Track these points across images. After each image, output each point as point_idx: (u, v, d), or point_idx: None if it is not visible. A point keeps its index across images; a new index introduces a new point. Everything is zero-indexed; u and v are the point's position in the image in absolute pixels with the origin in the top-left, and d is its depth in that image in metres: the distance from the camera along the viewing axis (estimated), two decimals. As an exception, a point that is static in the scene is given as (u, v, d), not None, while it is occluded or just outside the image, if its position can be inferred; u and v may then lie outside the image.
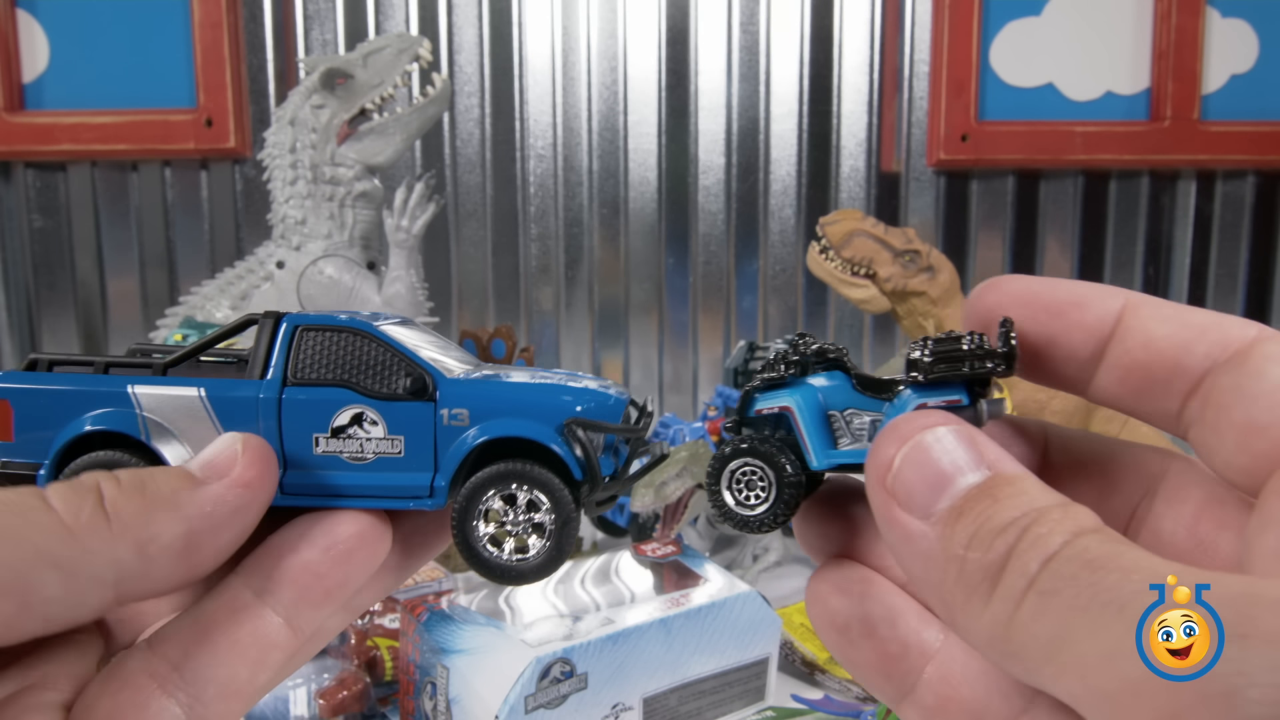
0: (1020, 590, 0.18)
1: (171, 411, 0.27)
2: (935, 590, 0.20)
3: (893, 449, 0.21)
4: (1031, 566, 0.18)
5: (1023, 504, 0.19)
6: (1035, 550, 0.18)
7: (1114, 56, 1.33)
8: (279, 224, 0.95)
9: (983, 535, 0.19)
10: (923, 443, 0.21)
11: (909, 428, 0.21)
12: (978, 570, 0.19)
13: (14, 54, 1.27)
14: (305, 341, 0.27)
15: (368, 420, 0.27)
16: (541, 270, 1.34)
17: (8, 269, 1.32)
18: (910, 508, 0.20)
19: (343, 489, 0.27)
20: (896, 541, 0.21)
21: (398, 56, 0.93)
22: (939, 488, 0.20)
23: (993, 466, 0.20)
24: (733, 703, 0.63)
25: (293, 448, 0.27)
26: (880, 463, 0.21)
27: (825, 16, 1.32)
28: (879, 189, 1.34)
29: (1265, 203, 1.36)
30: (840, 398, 0.25)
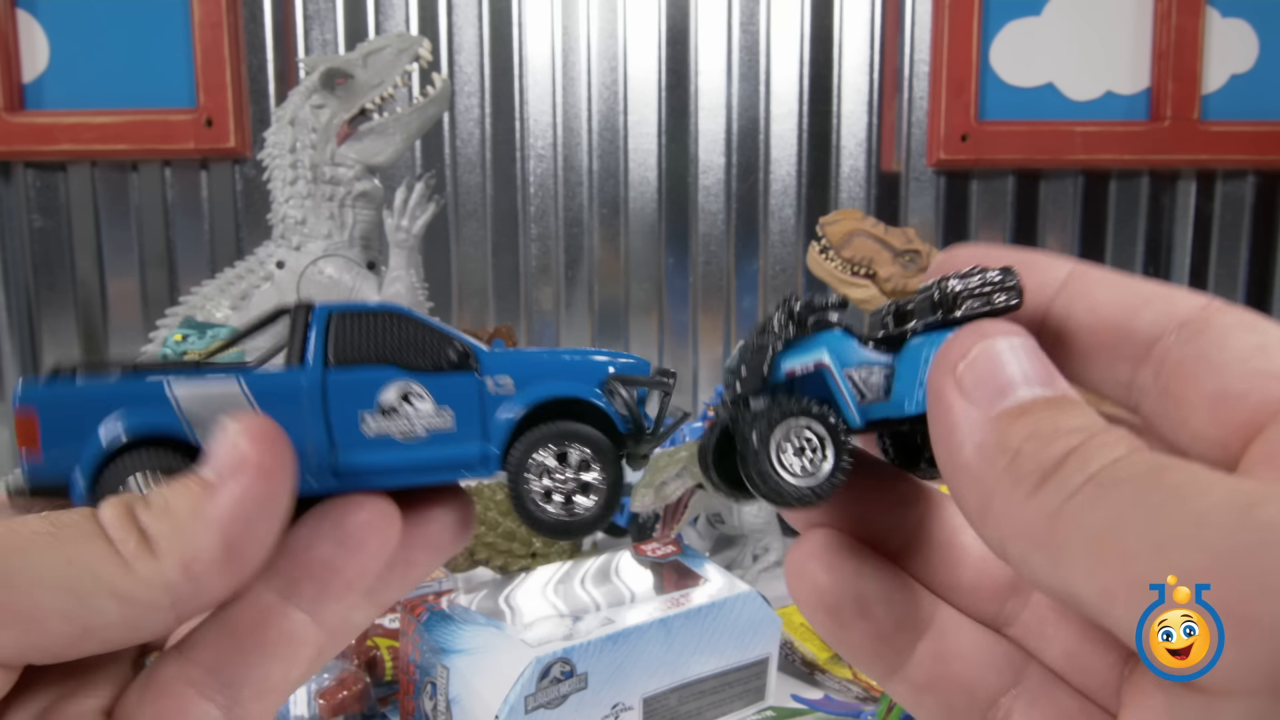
0: (1077, 483, 0.18)
1: (214, 407, 0.26)
2: (975, 479, 0.19)
3: (971, 340, 0.21)
4: (1093, 465, 0.18)
5: (1087, 421, 0.19)
6: (1099, 453, 0.18)
7: (1114, 56, 1.33)
8: (279, 224, 0.95)
9: (1043, 433, 0.19)
10: (999, 344, 0.21)
11: (991, 328, 0.21)
12: (1031, 461, 0.19)
13: (14, 54, 1.27)
14: (341, 326, 0.27)
15: (415, 395, 0.27)
16: (541, 270, 1.34)
17: (8, 269, 1.32)
18: (973, 397, 0.20)
19: (398, 467, 0.27)
20: (946, 429, 0.20)
21: (398, 56, 0.93)
22: (1008, 387, 0.20)
23: (1062, 390, 0.20)
24: (733, 703, 0.63)
25: (341, 430, 0.26)
26: (956, 350, 0.21)
27: (825, 16, 1.32)
28: (879, 189, 1.34)
29: (1265, 203, 1.36)
30: (851, 354, 0.24)
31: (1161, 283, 0.22)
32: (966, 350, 0.21)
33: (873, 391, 0.24)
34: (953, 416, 0.20)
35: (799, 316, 0.24)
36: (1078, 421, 0.19)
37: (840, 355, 0.24)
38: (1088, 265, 0.23)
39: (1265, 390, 0.19)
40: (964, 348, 0.21)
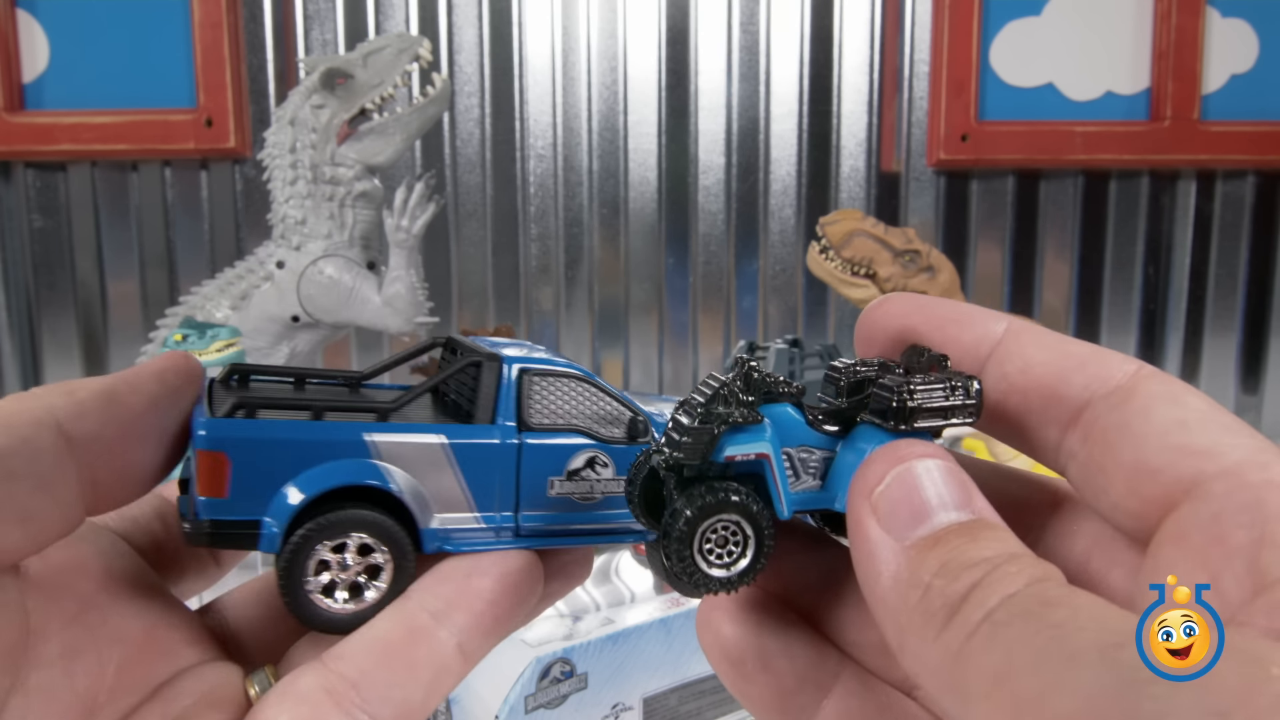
0: (975, 622, 0.17)
1: (415, 461, 0.26)
2: (892, 612, 0.19)
3: (886, 466, 0.21)
4: (991, 600, 0.17)
5: (997, 549, 0.19)
6: (998, 587, 0.18)
7: (1114, 56, 1.33)
8: (279, 224, 0.95)
9: (952, 566, 0.19)
10: (916, 468, 0.21)
11: (907, 451, 0.21)
12: (939, 598, 0.18)
13: (14, 54, 1.27)
14: (532, 386, 0.28)
15: (599, 463, 0.28)
16: (541, 270, 1.34)
17: (8, 269, 1.32)
18: (889, 526, 0.20)
19: (574, 529, 0.28)
20: (865, 556, 0.20)
21: (398, 56, 0.93)
22: (922, 515, 0.20)
23: (977, 512, 0.20)
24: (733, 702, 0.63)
25: (528, 490, 0.27)
26: (870, 477, 0.21)
27: (825, 16, 1.31)
28: (879, 189, 1.34)
29: (1265, 203, 1.36)
30: (795, 434, 0.23)
31: (1093, 346, 0.22)
32: (883, 475, 0.21)
33: (809, 474, 0.23)
34: (869, 545, 0.20)
35: (756, 386, 0.23)
36: (988, 551, 0.19)
37: (783, 434, 0.23)
38: (1024, 323, 0.23)
39: (1180, 467, 0.19)
40: (880, 473, 0.21)
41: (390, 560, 0.26)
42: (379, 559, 0.26)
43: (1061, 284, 1.37)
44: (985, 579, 0.18)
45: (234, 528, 0.24)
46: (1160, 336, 1.37)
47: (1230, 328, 1.37)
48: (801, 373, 0.94)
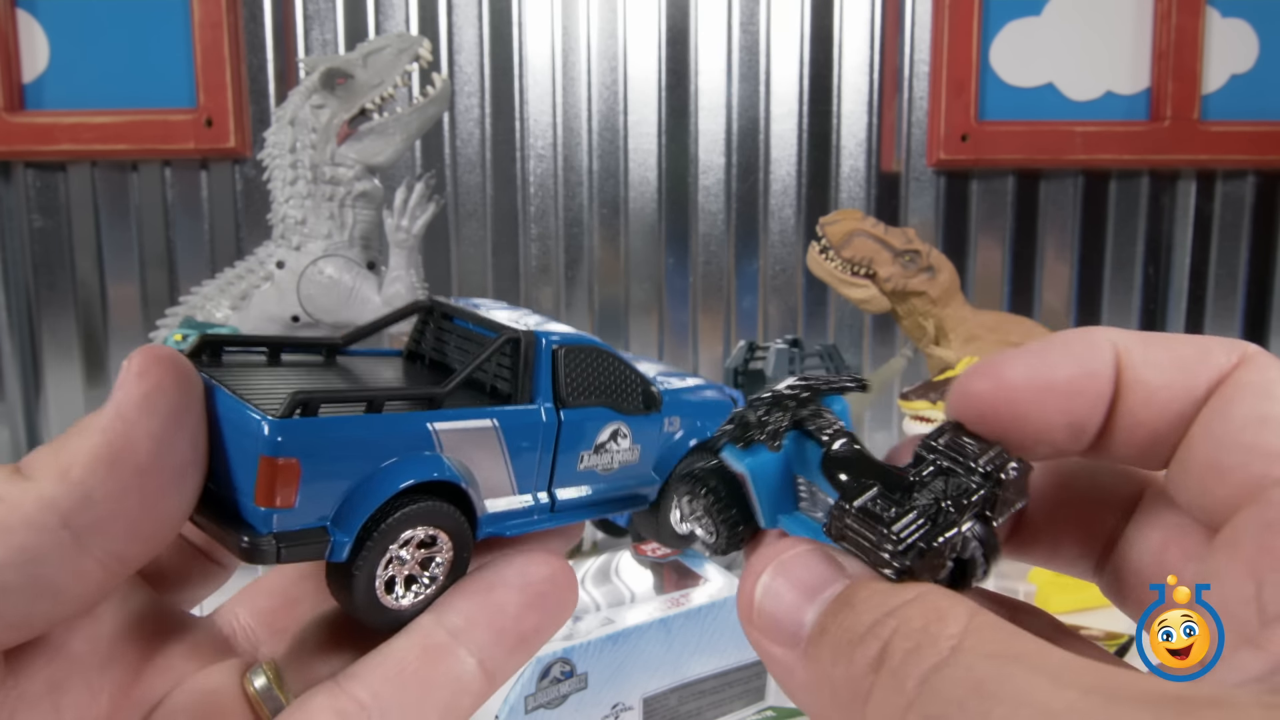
0: (900, 710, 0.16)
1: (469, 446, 0.25)
2: (819, 717, 0.18)
3: (750, 583, 0.20)
4: (908, 684, 0.16)
5: (878, 604, 0.18)
6: (910, 665, 0.16)
7: (1114, 56, 1.33)
8: (279, 224, 0.95)
9: (843, 646, 0.17)
10: (768, 581, 0.20)
11: (762, 561, 0.20)
12: (846, 686, 0.17)
13: (14, 54, 1.27)
14: (569, 363, 0.28)
15: (620, 434, 0.28)
16: (541, 270, 1.34)
17: (8, 269, 1.32)
18: (779, 639, 0.19)
19: (597, 500, 0.28)
20: (778, 679, 0.20)
21: (398, 56, 0.92)
22: (799, 610, 0.19)
23: (852, 575, 0.19)
24: (733, 703, 0.63)
25: (563, 467, 0.27)
26: (744, 598, 0.20)
27: (825, 16, 1.31)
28: (879, 189, 1.34)
29: (1265, 203, 1.36)
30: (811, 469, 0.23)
31: (1197, 341, 0.21)
32: (752, 591, 0.20)
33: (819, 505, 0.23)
34: (775, 666, 0.20)
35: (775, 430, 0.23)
36: (871, 614, 0.18)
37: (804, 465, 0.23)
38: (1127, 342, 0.21)
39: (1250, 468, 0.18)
40: (749, 590, 0.20)
41: (451, 550, 0.25)
42: (439, 551, 0.25)
43: (1061, 284, 1.37)
44: (886, 652, 0.17)
45: (303, 538, 0.22)
46: (1160, 336, 1.37)
47: (1230, 328, 1.37)
48: (801, 373, 0.94)
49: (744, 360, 0.95)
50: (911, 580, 0.19)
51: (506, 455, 0.26)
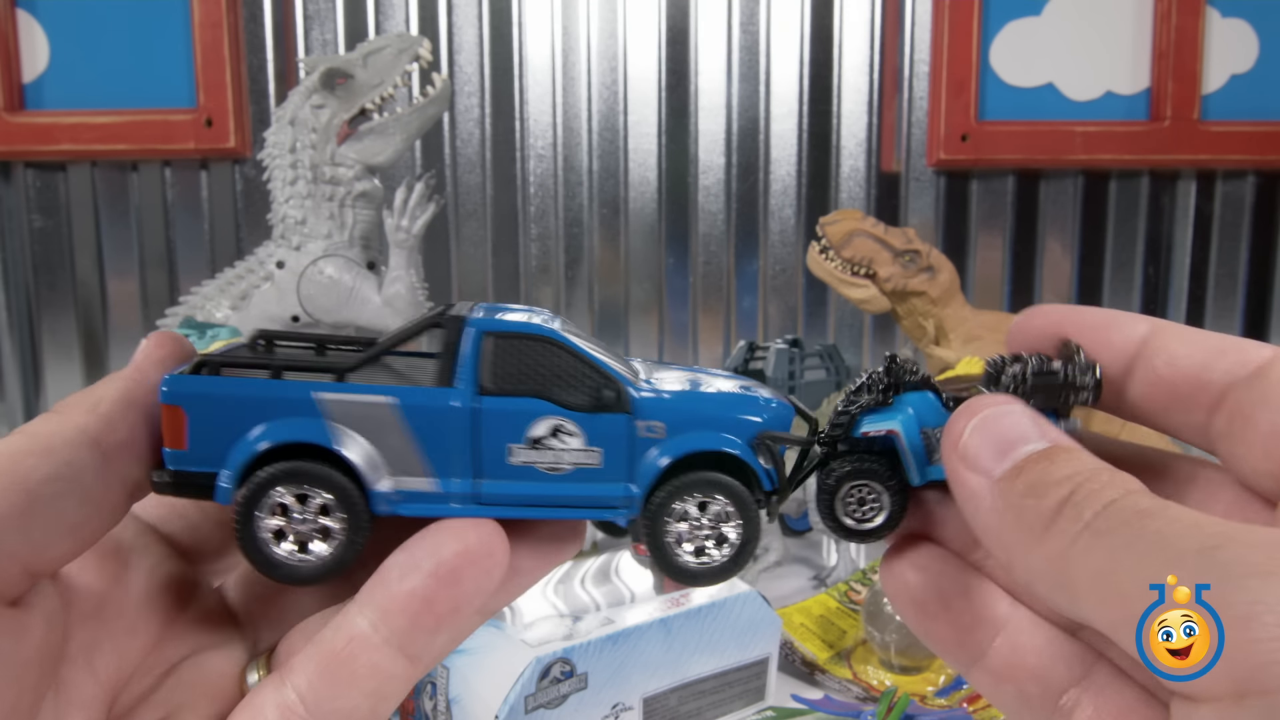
0: (1075, 531, 0.20)
1: (360, 419, 0.26)
2: (997, 537, 0.22)
3: (964, 420, 0.24)
4: (1086, 513, 0.20)
5: (1076, 465, 0.21)
6: (1090, 500, 0.20)
7: (1114, 56, 1.33)
8: (279, 224, 0.95)
9: (1039, 486, 0.21)
10: (991, 414, 0.23)
11: (980, 404, 0.24)
12: (1034, 514, 0.21)
13: (14, 54, 1.27)
14: (496, 350, 0.27)
15: (565, 432, 0.27)
16: (541, 270, 1.34)
17: (8, 269, 1.32)
18: (976, 468, 0.23)
19: (538, 499, 0.27)
20: (964, 499, 0.23)
21: (398, 56, 0.92)
22: (1003, 452, 0.23)
23: (1052, 440, 0.23)
24: (733, 703, 0.63)
25: (488, 458, 0.27)
26: (954, 431, 0.24)
27: (825, 16, 1.31)
28: (879, 189, 1.34)
29: (1265, 203, 1.36)
30: (933, 416, 0.27)
31: (1233, 337, 0.24)
32: (964, 428, 0.24)
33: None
34: (965, 489, 0.23)
35: (896, 383, 0.27)
36: (1067, 470, 0.21)
37: (921, 416, 0.27)
38: (1166, 323, 0.26)
39: None
40: (961, 425, 0.24)
41: (345, 520, 0.26)
42: (334, 520, 0.26)
43: (1062, 284, 1.37)
44: (1074, 494, 0.21)
45: (193, 479, 0.26)
46: (1160, 336, 1.37)
47: (1230, 328, 1.37)
48: (801, 373, 0.94)
49: (744, 360, 0.95)
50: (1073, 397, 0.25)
51: (411, 435, 0.26)
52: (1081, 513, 0.20)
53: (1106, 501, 0.20)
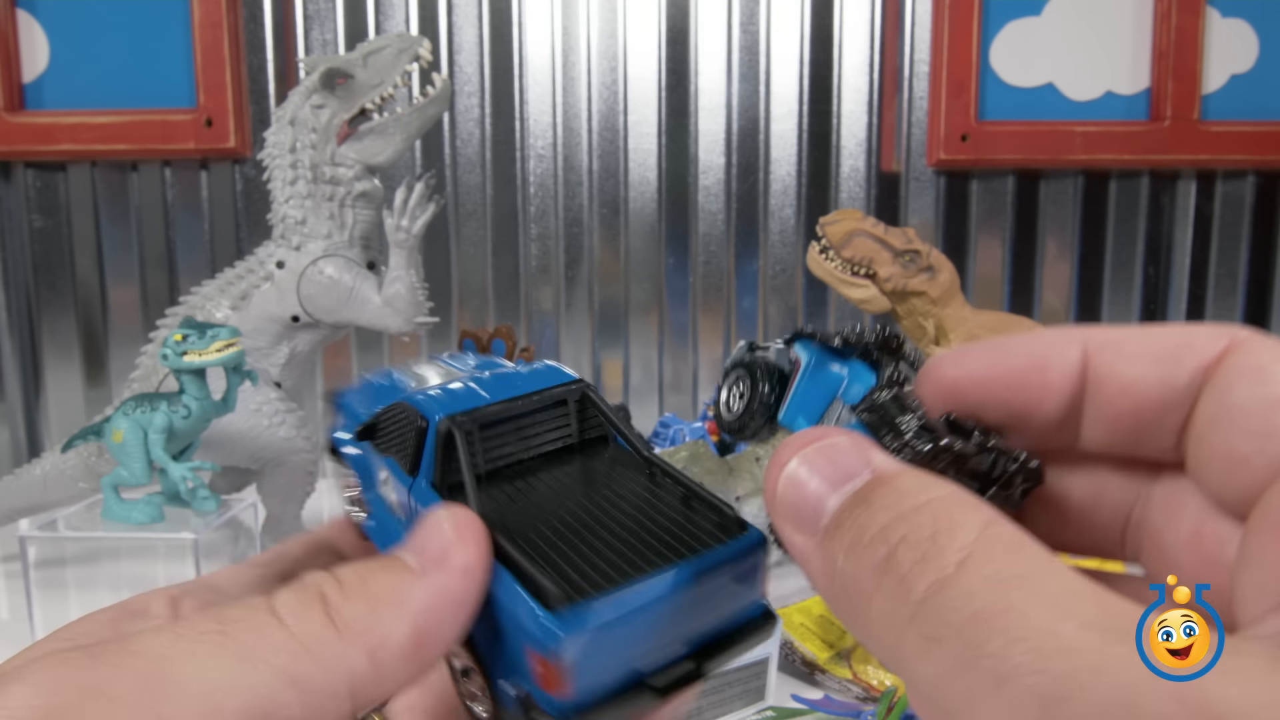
0: (902, 623, 0.16)
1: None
2: (835, 610, 0.19)
3: (777, 468, 0.20)
4: (911, 598, 0.16)
5: (893, 505, 0.18)
6: (916, 572, 0.16)
7: (1114, 56, 1.33)
8: (279, 224, 0.95)
9: (856, 546, 0.18)
10: (795, 468, 0.20)
11: (785, 454, 0.20)
12: (854, 586, 0.17)
13: (14, 54, 1.27)
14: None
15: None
16: (541, 270, 1.34)
17: (8, 269, 1.32)
18: (800, 525, 0.19)
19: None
20: (799, 563, 0.20)
21: (398, 56, 0.92)
22: (817, 507, 0.19)
23: (874, 468, 0.19)
24: (733, 703, 0.63)
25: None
26: (769, 486, 0.20)
27: (825, 16, 1.31)
28: (879, 189, 1.34)
29: (1265, 203, 1.36)
30: (855, 398, 0.23)
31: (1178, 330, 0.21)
32: (775, 486, 0.20)
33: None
34: (795, 552, 0.20)
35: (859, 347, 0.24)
36: (884, 516, 0.18)
37: (834, 384, 0.24)
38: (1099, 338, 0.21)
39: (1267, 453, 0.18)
40: (772, 484, 0.20)
41: None
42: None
43: (1061, 284, 1.37)
44: (893, 555, 0.17)
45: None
46: (1160, 336, 1.37)
47: (1230, 328, 1.37)
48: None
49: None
50: (935, 465, 0.19)
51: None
52: (907, 596, 0.16)
53: (934, 582, 0.16)
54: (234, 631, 0.19)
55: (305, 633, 0.19)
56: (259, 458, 0.93)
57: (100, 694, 0.17)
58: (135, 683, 0.18)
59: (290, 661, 0.19)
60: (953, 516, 0.17)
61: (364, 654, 0.20)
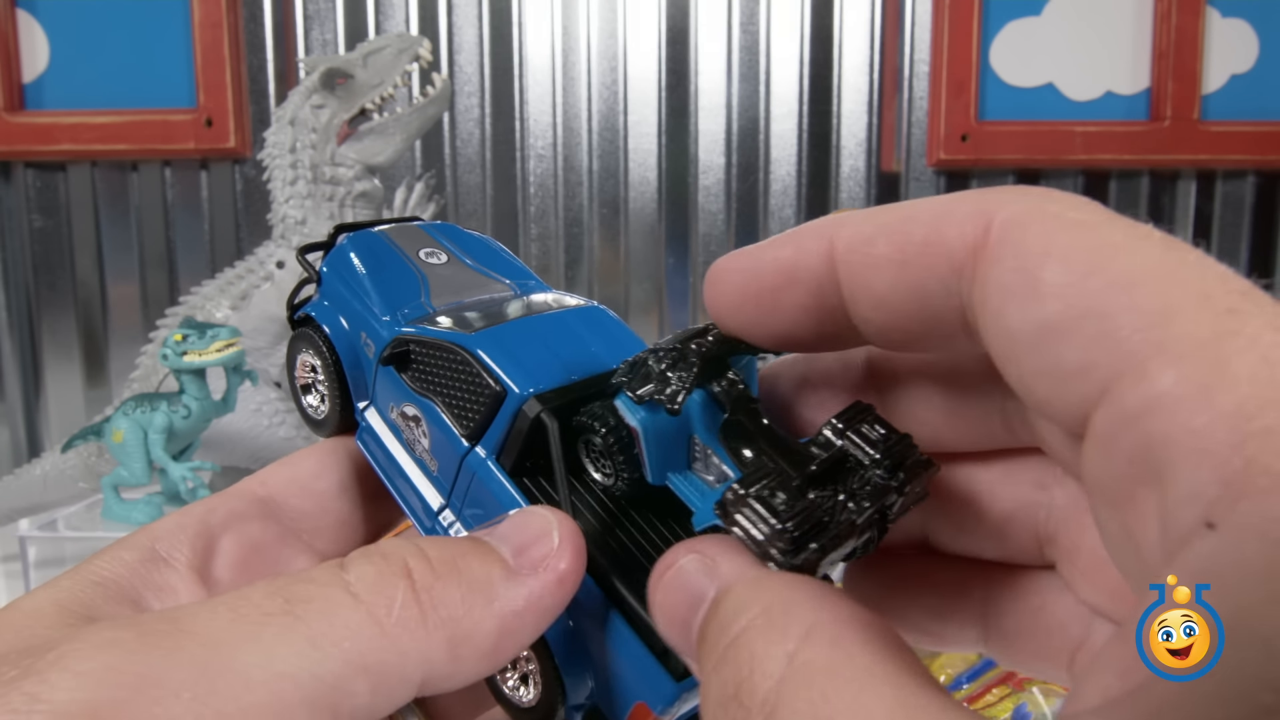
0: None
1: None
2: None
3: (650, 590, 0.18)
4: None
5: (717, 642, 0.16)
6: (746, 697, 0.15)
7: (1114, 56, 1.32)
8: (279, 224, 0.95)
9: (706, 667, 0.16)
10: (656, 597, 0.18)
11: (660, 566, 0.18)
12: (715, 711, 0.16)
13: (14, 54, 1.27)
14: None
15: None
16: (541, 270, 1.34)
17: (8, 269, 1.31)
18: (684, 651, 0.18)
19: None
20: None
21: (398, 56, 0.93)
22: (686, 633, 0.18)
23: (718, 583, 0.17)
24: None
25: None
26: (650, 604, 0.19)
27: (825, 16, 1.31)
28: (879, 189, 1.34)
29: (1265, 203, 1.36)
30: (709, 434, 0.21)
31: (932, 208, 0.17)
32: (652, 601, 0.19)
33: (712, 471, 0.21)
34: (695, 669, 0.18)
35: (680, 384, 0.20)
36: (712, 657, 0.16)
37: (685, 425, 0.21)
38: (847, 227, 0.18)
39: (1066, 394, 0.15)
40: (650, 599, 0.19)
41: None
42: None
43: (1061, 284, 1.37)
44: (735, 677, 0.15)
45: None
46: (1160, 336, 1.37)
47: (1230, 328, 1.37)
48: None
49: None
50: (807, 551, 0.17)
51: None
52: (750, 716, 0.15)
53: (760, 704, 0.15)
54: (303, 613, 0.17)
55: (385, 614, 0.18)
56: (259, 458, 0.93)
57: (153, 685, 0.16)
58: (191, 671, 0.16)
59: (365, 647, 0.17)
60: (755, 654, 0.15)
61: (445, 644, 0.18)
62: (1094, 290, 0.15)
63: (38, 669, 0.16)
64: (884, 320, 0.18)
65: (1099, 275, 0.15)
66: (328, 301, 0.26)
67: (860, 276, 0.18)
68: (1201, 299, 0.14)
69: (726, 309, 0.20)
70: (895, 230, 0.18)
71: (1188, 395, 0.13)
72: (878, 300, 0.18)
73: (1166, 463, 0.13)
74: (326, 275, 0.27)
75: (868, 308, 0.18)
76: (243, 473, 1.01)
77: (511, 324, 0.24)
